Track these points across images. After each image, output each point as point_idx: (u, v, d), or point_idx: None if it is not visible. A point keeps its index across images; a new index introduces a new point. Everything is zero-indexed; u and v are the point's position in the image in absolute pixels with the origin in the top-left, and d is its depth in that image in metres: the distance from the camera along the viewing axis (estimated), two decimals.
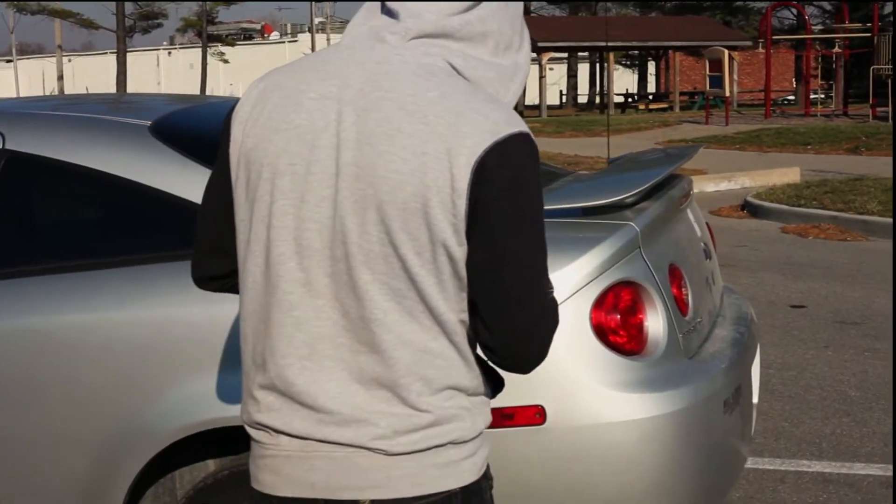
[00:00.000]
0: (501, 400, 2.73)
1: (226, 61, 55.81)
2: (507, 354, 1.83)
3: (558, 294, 2.84)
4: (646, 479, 2.90)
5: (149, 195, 3.15)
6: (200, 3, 50.12)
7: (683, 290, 3.17)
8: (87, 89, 62.49)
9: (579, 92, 55.13)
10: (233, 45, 56.50)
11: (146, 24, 54.89)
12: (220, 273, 2.02)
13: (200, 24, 50.65)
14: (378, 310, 1.80)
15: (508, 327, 1.80)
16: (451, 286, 1.79)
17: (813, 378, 6.29)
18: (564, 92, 54.18)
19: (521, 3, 1.91)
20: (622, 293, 2.95)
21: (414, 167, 1.71)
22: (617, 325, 2.92)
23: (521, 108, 42.43)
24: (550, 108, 44.94)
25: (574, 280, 2.89)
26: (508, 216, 1.73)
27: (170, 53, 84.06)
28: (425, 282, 1.78)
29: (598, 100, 48.21)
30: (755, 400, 3.71)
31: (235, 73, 68.79)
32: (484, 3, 1.83)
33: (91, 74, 77.31)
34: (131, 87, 57.15)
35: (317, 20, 72.23)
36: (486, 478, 1.94)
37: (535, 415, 2.85)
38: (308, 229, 1.79)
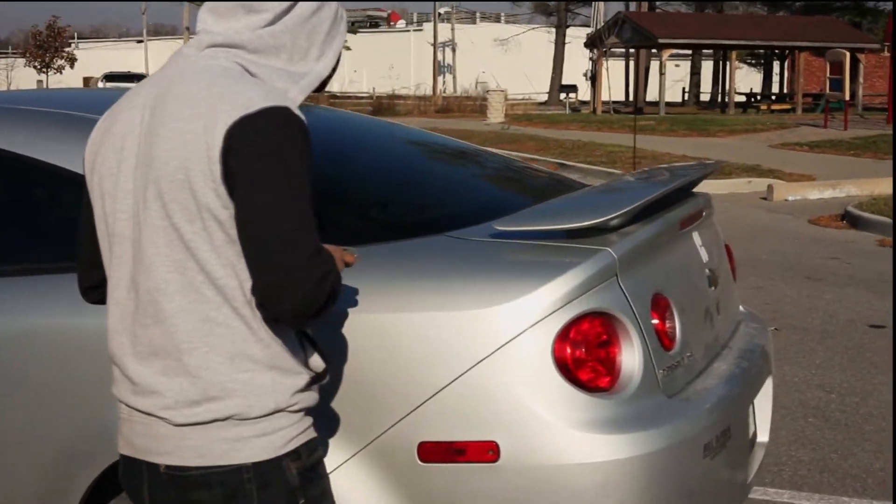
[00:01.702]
0: (453, 433, 2.59)
1: (347, 48, 56.13)
2: (268, 302, 1.99)
3: (519, 323, 2.66)
4: None
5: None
6: None
7: (668, 321, 2.94)
8: None
9: (702, 90, 54.12)
10: (355, 32, 56.78)
11: None
12: (94, 283, 2.34)
13: None
14: (161, 280, 2.07)
15: (265, 275, 1.98)
16: (227, 252, 2.04)
17: (875, 406, 5.93)
18: (687, 89, 53.24)
19: (327, 19, 2.25)
20: (591, 325, 2.73)
21: (178, 144, 2.02)
22: (582, 358, 2.70)
23: (642, 105, 41.84)
24: (671, 105, 44.21)
25: (537, 309, 2.67)
26: (257, 175, 1.97)
27: None
28: (200, 248, 2.04)
29: (719, 99, 47.22)
30: (763, 438, 3.45)
31: (360, 60, 69.16)
32: (280, 21, 2.17)
33: None
34: None
35: (442, 9, 72.27)
36: (293, 457, 2.14)
37: (487, 451, 2.65)
38: (119, 220, 2.14)
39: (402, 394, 2.70)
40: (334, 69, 2.32)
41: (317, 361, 2.23)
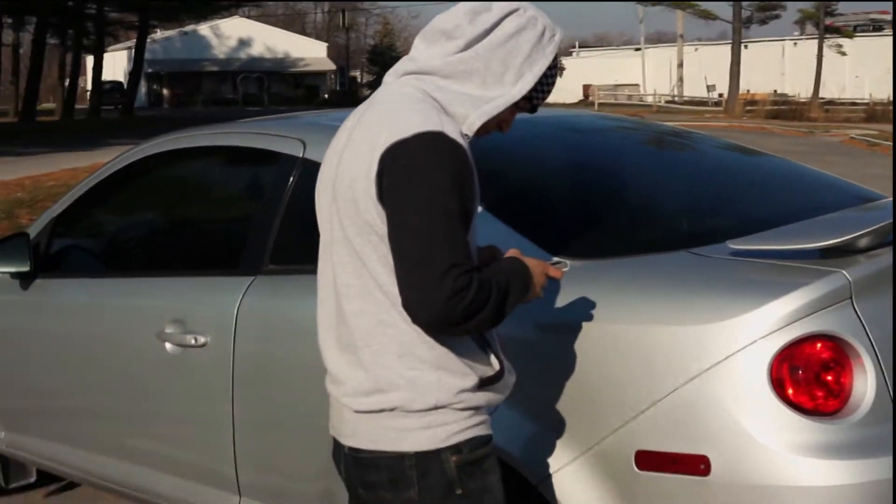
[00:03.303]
0: (668, 444, 2.66)
1: (843, 53, 54.08)
2: (408, 313, 2.20)
3: (736, 342, 2.66)
4: None
5: None
6: None
7: None
8: (705, 79, 63.41)
9: None
10: (851, 36, 54.57)
11: (763, 15, 54.61)
12: None
13: (818, 15, 49.49)
14: (343, 285, 2.34)
15: (402, 288, 2.19)
16: (391, 262, 2.23)
17: None
18: None
19: (527, 43, 2.36)
20: (816, 347, 2.67)
21: (351, 164, 2.28)
22: (801, 380, 2.66)
23: None
24: None
25: (756, 328, 2.66)
26: (402, 196, 2.18)
27: (795, 44, 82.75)
28: (368, 258, 2.28)
29: None
30: None
31: (861, 65, 66.24)
32: (472, 48, 2.33)
33: (715, 64, 78.24)
34: (752, 78, 57.20)
35: None
36: (454, 451, 2.32)
37: (699, 465, 2.68)
38: (323, 230, 2.42)
39: (624, 402, 2.79)
40: (543, 90, 2.44)
41: (486, 366, 2.38)
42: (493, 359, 2.40)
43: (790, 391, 2.64)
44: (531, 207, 3.34)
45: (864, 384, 2.68)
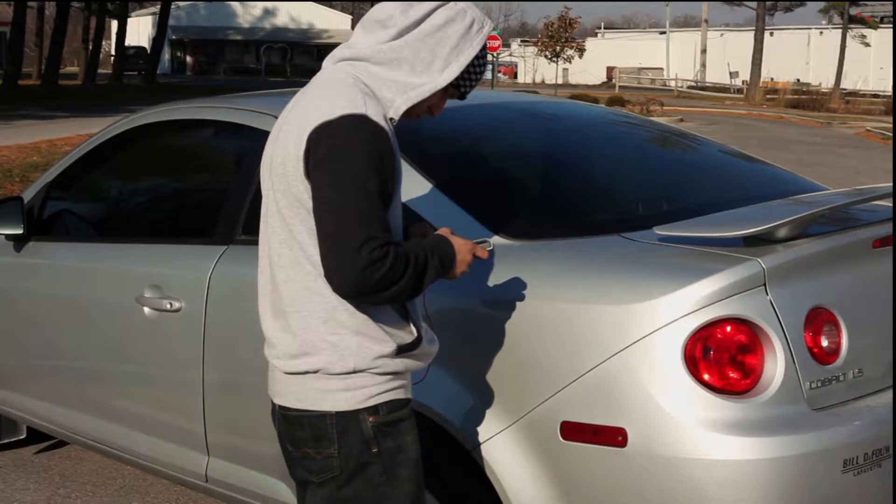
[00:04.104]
0: (590, 416, 2.85)
1: (867, 44, 53.85)
2: (328, 278, 2.41)
3: (653, 322, 2.85)
4: None
5: None
6: None
7: (828, 336, 2.97)
8: (728, 66, 63.24)
9: None
10: (875, 27, 54.34)
11: (789, 3, 54.39)
12: None
13: (843, 5, 49.28)
14: (276, 255, 2.55)
15: (323, 259, 2.40)
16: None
17: None
18: None
19: (455, 34, 2.56)
20: (728, 329, 2.86)
21: (285, 143, 2.49)
22: (713, 361, 2.84)
23: None
24: None
25: (672, 309, 2.85)
26: (323, 174, 2.39)
27: (821, 33, 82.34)
28: (297, 230, 2.49)
29: None
30: None
31: (885, 57, 65.89)
32: (402, 38, 2.53)
33: (739, 51, 77.98)
34: (776, 66, 56.97)
35: None
36: (371, 412, 2.53)
37: (618, 436, 2.88)
38: (263, 203, 2.64)
39: (551, 376, 2.98)
40: (471, 78, 2.64)
41: (405, 334, 2.58)
42: (412, 327, 2.59)
43: (702, 370, 2.83)
44: (478, 188, 3.52)
45: (774, 366, 2.87)
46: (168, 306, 3.96)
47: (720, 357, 2.84)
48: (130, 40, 67.58)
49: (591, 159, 4.00)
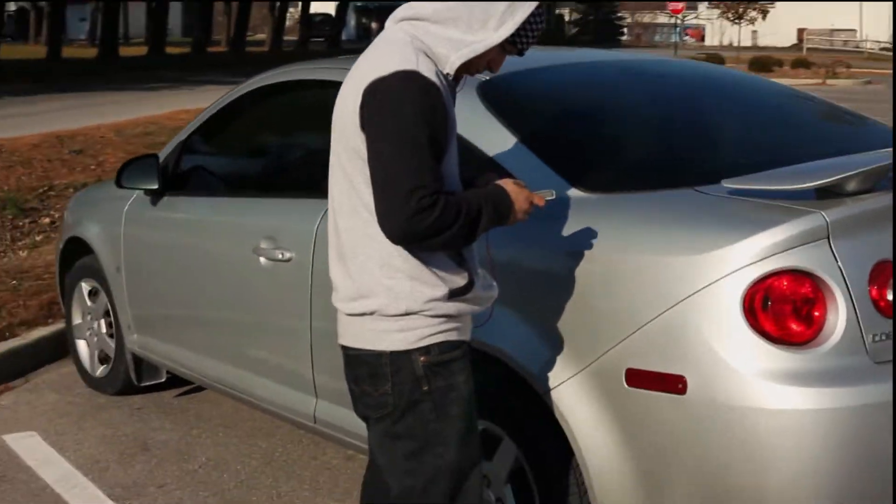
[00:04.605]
0: (653, 363, 2.95)
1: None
2: (381, 225, 2.54)
3: (714, 273, 2.90)
4: (778, 472, 2.85)
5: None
6: None
7: (891, 290, 2.95)
8: None
9: None
10: None
11: None
12: None
13: None
14: (338, 203, 2.71)
15: (378, 204, 2.54)
16: None
17: None
18: None
19: None
20: (788, 281, 2.88)
21: (346, 98, 2.64)
22: (772, 311, 2.87)
23: None
24: None
25: (731, 260, 2.88)
26: (376, 126, 2.53)
27: None
28: (356, 179, 2.63)
29: None
30: None
31: None
32: None
33: None
34: None
35: None
36: (423, 352, 2.67)
37: (678, 384, 2.94)
38: (331, 155, 2.77)
39: (617, 324, 3.06)
40: (528, 35, 2.73)
41: (458, 278, 2.70)
42: (465, 272, 2.70)
43: (761, 320, 2.86)
44: (560, 143, 3.60)
45: (835, 318, 2.88)
46: (280, 256, 4.16)
47: (779, 308, 2.87)
48: (317, 7, 68.95)
49: (675, 116, 4.02)
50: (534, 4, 2.69)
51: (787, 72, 37.46)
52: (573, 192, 3.30)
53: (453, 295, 2.69)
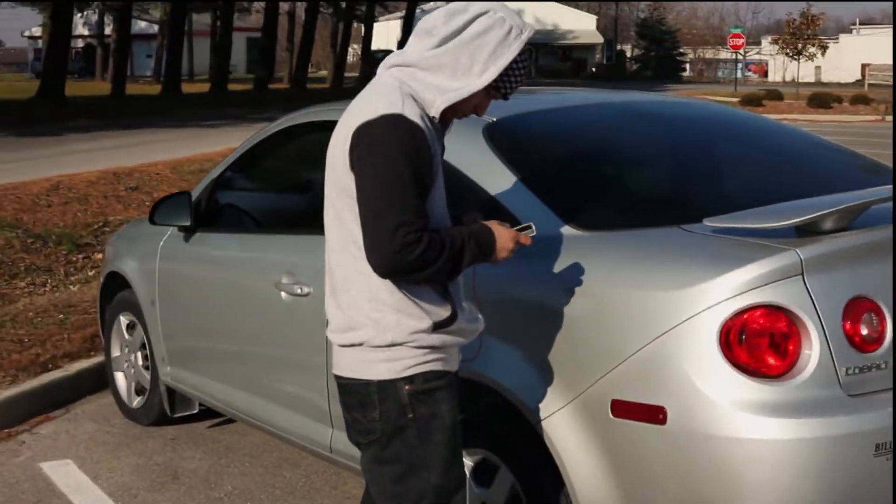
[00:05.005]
0: (636, 395, 3.07)
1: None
2: (369, 260, 2.73)
3: (692, 307, 3.02)
4: (754, 500, 2.95)
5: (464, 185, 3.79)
6: None
7: (867, 325, 3.04)
8: None
9: None
10: None
11: None
12: None
13: None
14: (330, 241, 2.90)
15: (366, 239, 2.73)
16: None
17: None
18: None
19: (493, 40, 2.81)
20: (762, 316, 2.99)
21: (337, 140, 2.83)
22: (747, 345, 2.98)
23: None
24: None
25: (709, 296, 3.00)
26: (364, 166, 2.72)
27: None
28: (346, 218, 2.80)
29: None
30: None
31: None
32: (444, 45, 2.80)
33: None
34: None
35: None
36: (407, 381, 2.83)
37: (659, 415, 3.06)
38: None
39: (604, 356, 3.19)
40: (511, 80, 2.89)
41: (442, 311, 2.85)
42: (449, 305, 2.85)
43: (737, 353, 2.98)
44: (556, 183, 3.74)
45: (809, 352, 2.98)
46: (299, 291, 4.33)
47: (754, 341, 2.98)
48: (379, 44, 69.68)
49: (668, 157, 4.14)
50: (516, 51, 2.84)
51: (847, 108, 37.23)
52: (567, 230, 3.45)
53: (437, 327, 2.84)
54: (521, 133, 3.99)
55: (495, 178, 3.73)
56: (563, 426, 3.28)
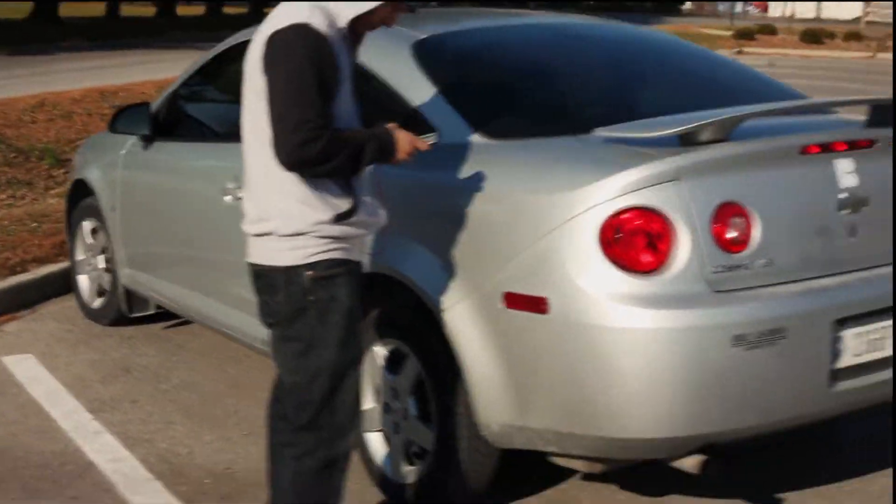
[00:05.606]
0: (525, 287, 3.35)
1: None
2: (276, 153, 2.97)
3: (574, 208, 3.30)
4: (623, 386, 3.25)
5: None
6: None
7: (735, 229, 3.31)
8: None
9: None
10: None
11: None
12: None
13: None
14: (246, 140, 3.15)
15: (273, 135, 2.97)
16: None
17: None
18: None
19: None
20: (638, 216, 3.26)
21: (253, 49, 3.09)
22: (623, 243, 3.26)
23: None
24: None
25: (590, 198, 3.29)
26: (273, 69, 2.98)
27: None
28: (259, 118, 3.03)
29: None
30: (876, 356, 3.54)
31: None
32: None
33: None
34: None
35: None
36: (310, 267, 3.09)
37: (542, 305, 3.35)
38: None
39: (500, 254, 3.48)
40: None
41: (343, 204, 3.11)
42: (350, 199, 3.12)
43: (614, 251, 3.26)
44: (471, 94, 4.02)
45: (679, 250, 3.27)
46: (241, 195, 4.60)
47: (630, 240, 3.27)
48: None
49: (576, 73, 4.40)
50: None
51: (839, 44, 37.22)
52: (476, 138, 3.73)
53: (339, 218, 3.11)
54: (445, 49, 4.26)
55: (417, 89, 4.00)
56: (462, 317, 3.57)
